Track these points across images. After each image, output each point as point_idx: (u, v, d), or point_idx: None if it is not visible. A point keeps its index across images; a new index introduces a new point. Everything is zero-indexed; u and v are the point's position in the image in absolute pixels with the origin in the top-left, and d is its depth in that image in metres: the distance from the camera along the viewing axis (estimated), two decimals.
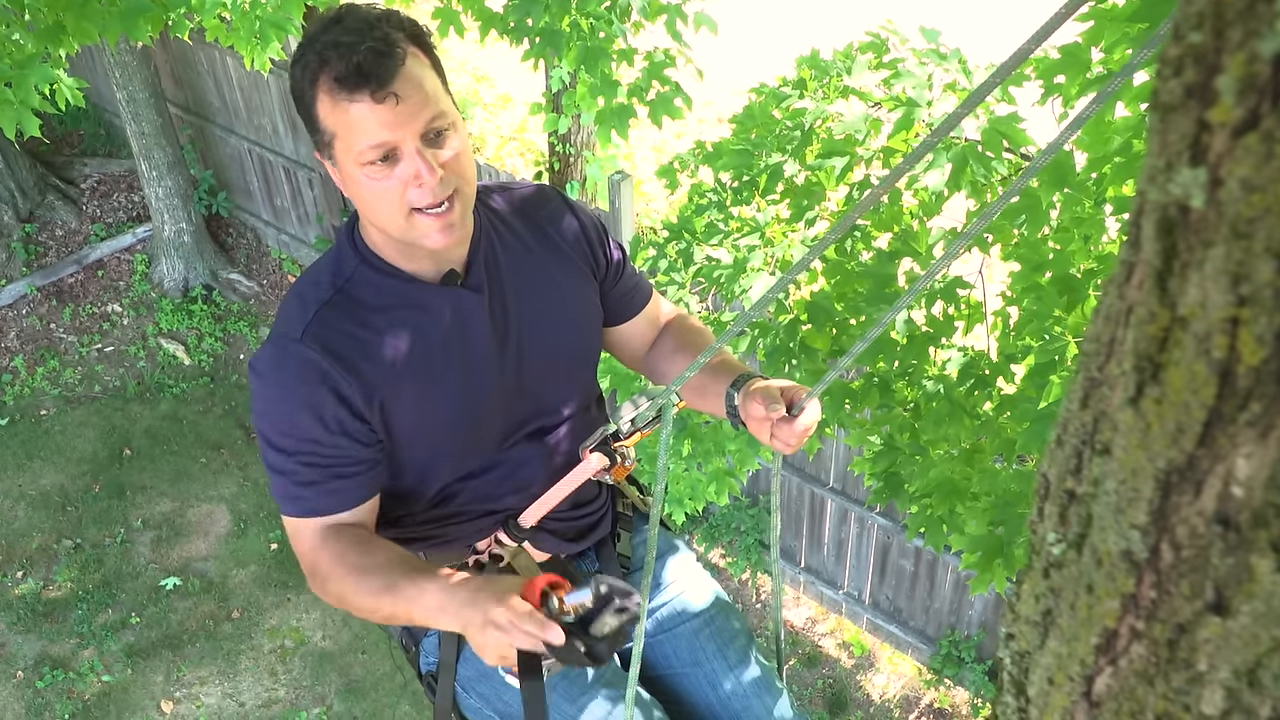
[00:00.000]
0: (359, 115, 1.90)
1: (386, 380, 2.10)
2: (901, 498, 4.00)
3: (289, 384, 2.08)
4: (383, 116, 1.90)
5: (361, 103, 1.89)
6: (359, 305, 2.12)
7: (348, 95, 1.89)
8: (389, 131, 1.91)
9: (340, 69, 1.88)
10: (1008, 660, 1.37)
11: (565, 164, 10.42)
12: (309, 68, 1.92)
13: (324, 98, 1.92)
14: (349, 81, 1.88)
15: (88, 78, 10.21)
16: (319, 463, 2.09)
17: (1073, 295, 3.31)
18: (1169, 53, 0.85)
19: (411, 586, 1.97)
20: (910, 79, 3.98)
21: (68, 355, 10.62)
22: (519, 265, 2.27)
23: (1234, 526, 0.91)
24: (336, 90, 1.90)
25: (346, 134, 1.93)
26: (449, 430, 2.20)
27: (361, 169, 1.96)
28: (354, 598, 2.06)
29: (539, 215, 2.35)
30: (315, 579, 2.14)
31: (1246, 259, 0.79)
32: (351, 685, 8.03)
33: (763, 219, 4.32)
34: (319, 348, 2.05)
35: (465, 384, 2.18)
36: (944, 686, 8.03)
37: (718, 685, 2.55)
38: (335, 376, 2.05)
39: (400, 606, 1.99)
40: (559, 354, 2.33)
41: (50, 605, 8.56)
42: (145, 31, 4.45)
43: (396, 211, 1.99)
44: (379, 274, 2.14)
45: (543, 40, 4.79)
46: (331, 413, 2.06)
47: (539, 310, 2.28)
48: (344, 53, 1.87)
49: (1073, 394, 1.12)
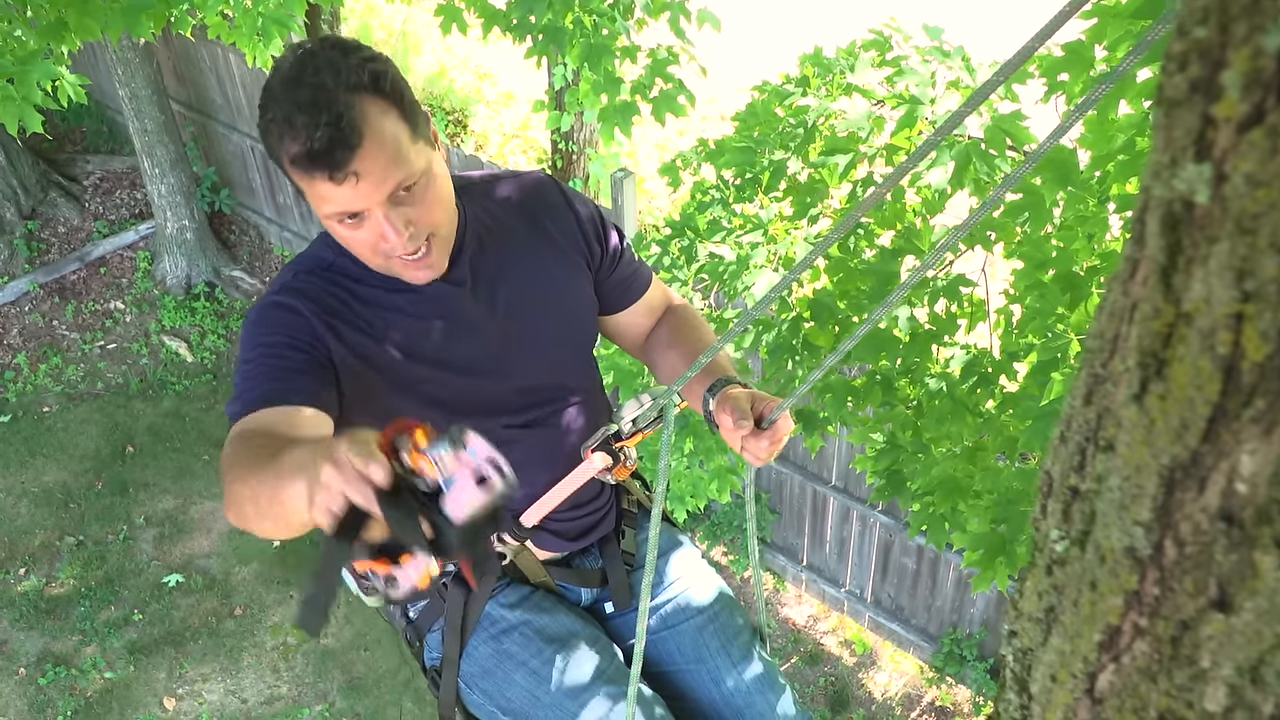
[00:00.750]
0: (320, 191, 1.88)
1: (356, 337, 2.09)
2: (904, 495, 4.00)
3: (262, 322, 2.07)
4: (343, 195, 1.88)
5: (320, 181, 1.86)
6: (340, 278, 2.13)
7: (307, 175, 1.86)
8: (349, 205, 1.90)
9: (296, 151, 1.84)
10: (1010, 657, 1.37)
11: (568, 161, 10.42)
12: (271, 134, 1.88)
13: (287, 161, 1.88)
14: (305, 164, 1.84)
15: (90, 74, 10.23)
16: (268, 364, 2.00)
17: (1075, 293, 3.31)
18: (1173, 48, 0.85)
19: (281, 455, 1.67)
20: (913, 76, 3.98)
21: (70, 352, 10.62)
22: (508, 257, 2.26)
23: (1238, 523, 0.91)
24: (295, 168, 1.87)
25: (311, 196, 1.92)
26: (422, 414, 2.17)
27: (331, 223, 1.97)
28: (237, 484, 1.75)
29: (533, 206, 2.34)
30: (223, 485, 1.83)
31: (1251, 254, 0.79)
32: (354, 682, 8.03)
33: (766, 216, 4.31)
34: (296, 294, 2.07)
35: (439, 374, 2.18)
36: (946, 684, 8.03)
37: (721, 682, 2.54)
38: (304, 311, 2.05)
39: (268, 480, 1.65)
40: (549, 345, 2.32)
41: (53, 602, 8.57)
42: (148, 28, 4.45)
43: (373, 256, 2.01)
44: (358, 265, 2.13)
45: (546, 37, 4.78)
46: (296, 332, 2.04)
47: (528, 301, 2.27)
48: (299, 135, 1.82)
49: (1076, 390, 1.11)
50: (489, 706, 2.41)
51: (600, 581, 2.58)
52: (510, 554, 2.41)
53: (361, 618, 8.36)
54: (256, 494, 1.67)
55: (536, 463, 2.34)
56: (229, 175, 11.63)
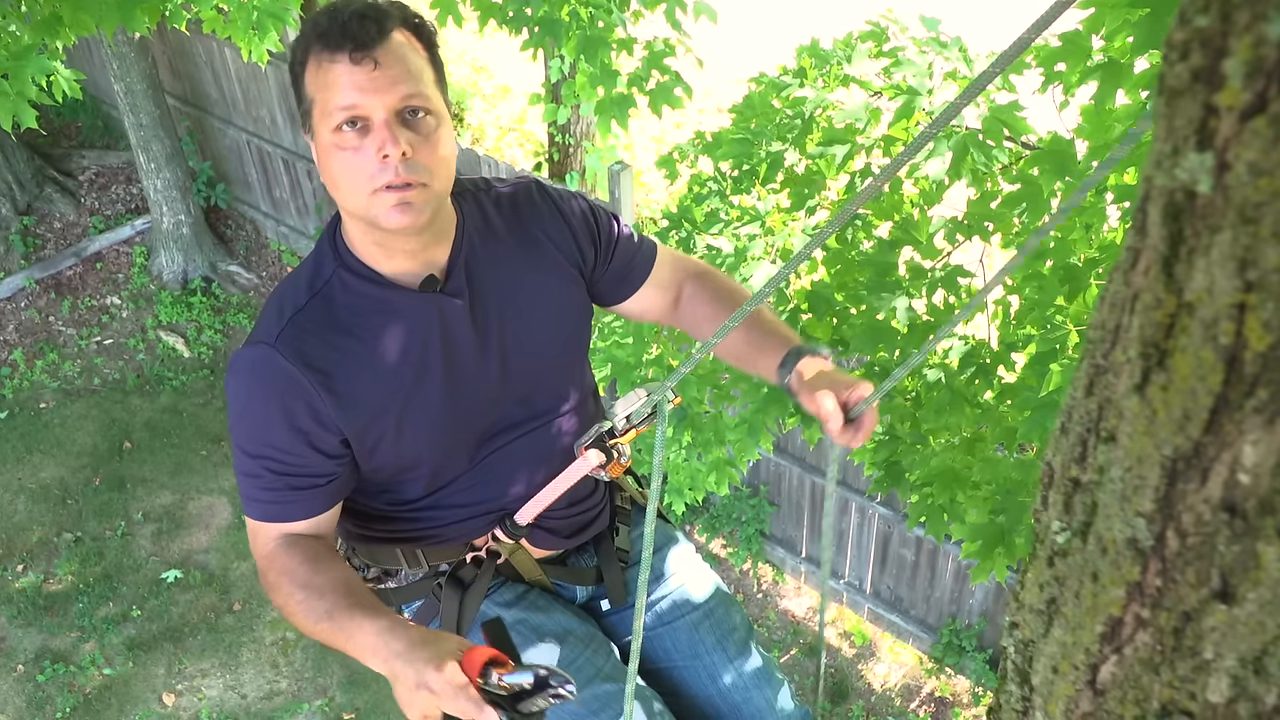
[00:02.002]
0: (336, 75, 1.90)
1: (360, 389, 2.08)
2: (902, 487, 4.00)
3: (260, 390, 2.07)
4: (357, 79, 1.89)
5: (340, 63, 1.90)
6: (335, 311, 2.09)
7: (329, 54, 1.90)
8: (361, 96, 1.90)
9: (325, 26, 1.91)
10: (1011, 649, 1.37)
11: (565, 154, 10.42)
12: (303, 34, 1.96)
13: (310, 61, 1.94)
14: (331, 40, 1.90)
15: (85, 69, 10.19)
16: (281, 470, 2.09)
17: (1074, 284, 3.31)
18: (1175, 36, 0.84)
19: (349, 620, 1.96)
20: (910, 67, 3.97)
21: (67, 348, 10.61)
22: (500, 267, 2.23)
23: (1241, 514, 0.91)
24: (319, 49, 1.91)
25: (322, 96, 1.93)
26: (430, 436, 2.18)
27: (333, 136, 1.94)
28: (295, 616, 2.06)
29: (521, 214, 2.31)
30: (263, 580, 2.16)
31: (1254, 244, 0.79)
32: (353, 677, 8.03)
33: (763, 208, 4.31)
34: (293, 355, 2.03)
35: (445, 390, 2.16)
36: (945, 675, 8.04)
37: (718, 677, 2.54)
38: (308, 386, 2.03)
39: (337, 638, 1.99)
40: (545, 354, 2.31)
41: (51, 599, 8.57)
42: (142, 23, 4.44)
43: (361, 186, 1.96)
44: (357, 278, 2.10)
45: (541, 30, 4.77)
46: (301, 424, 2.05)
47: (522, 312, 2.24)
48: (333, 14, 1.90)
49: (1077, 381, 1.11)
50: None
51: (595, 579, 2.57)
52: (505, 552, 2.41)
53: None
54: (314, 631, 2.03)
55: (531, 462, 2.34)
56: (225, 170, 11.61)
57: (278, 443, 2.07)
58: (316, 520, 2.16)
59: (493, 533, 2.38)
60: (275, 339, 2.04)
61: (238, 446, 2.12)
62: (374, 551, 2.40)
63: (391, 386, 2.11)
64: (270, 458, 2.08)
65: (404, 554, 2.37)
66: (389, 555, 2.39)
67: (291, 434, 2.06)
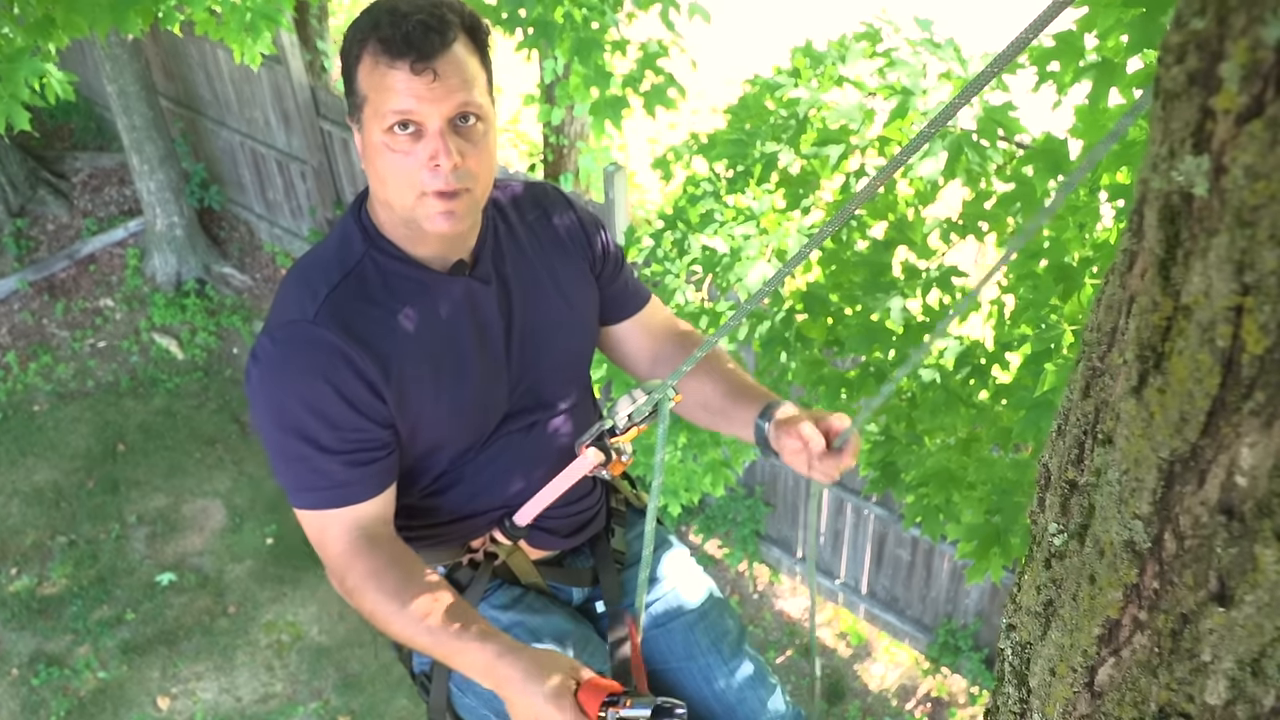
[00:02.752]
0: (393, 80, 1.91)
1: (401, 360, 2.07)
2: (898, 487, 4.00)
3: (302, 366, 2.02)
4: (416, 88, 1.90)
5: (399, 70, 1.90)
6: (370, 287, 2.09)
7: (388, 59, 1.90)
8: (418, 104, 1.91)
9: (387, 32, 1.89)
10: (1009, 651, 1.37)
11: (559, 155, 10.41)
12: (361, 27, 1.94)
13: (367, 58, 1.93)
14: (393, 47, 1.89)
15: (78, 71, 10.19)
16: (341, 449, 2.05)
17: (1068, 283, 3.31)
18: (1171, 39, 0.84)
19: (455, 640, 1.99)
20: (905, 68, 3.98)
21: (60, 351, 10.59)
22: (521, 260, 2.26)
23: (1238, 516, 0.91)
24: (379, 53, 1.91)
25: (378, 97, 1.93)
26: (451, 418, 2.18)
27: (385, 136, 1.94)
28: (388, 623, 2.05)
29: (539, 210, 2.35)
30: (341, 584, 2.10)
31: (1251, 247, 0.79)
32: (348, 679, 8.03)
33: (758, 208, 4.31)
34: (336, 327, 2.01)
35: (471, 373, 2.17)
36: (941, 675, 8.04)
37: (712, 680, 2.55)
38: (353, 354, 2.01)
39: (437, 652, 2.04)
40: (558, 348, 2.33)
41: (45, 602, 8.55)
42: (135, 24, 4.42)
43: (408, 188, 1.97)
44: (388, 258, 2.11)
45: (535, 31, 4.77)
46: (351, 392, 2.02)
47: (540, 305, 2.27)
48: (396, 19, 1.89)
49: (1074, 384, 1.11)
50: (482, 709, 2.40)
51: (591, 581, 2.58)
52: (503, 554, 2.41)
53: (355, 616, 8.32)
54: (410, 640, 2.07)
55: (532, 457, 2.34)
56: (218, 171, 11.60)
57: (331, 419, 2.03)
58: (383, 500, 2.12)
59: (491, 534, 2.38)
60: (314, 315, 2.02)
61: (280, 437, 2.06)
62: None
63: (429, 360, 2.11)
64: (324, 437, 2.04)
65: None
66: None
67: (344, 406, 2.03)
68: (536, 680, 1.89)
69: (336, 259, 2.11)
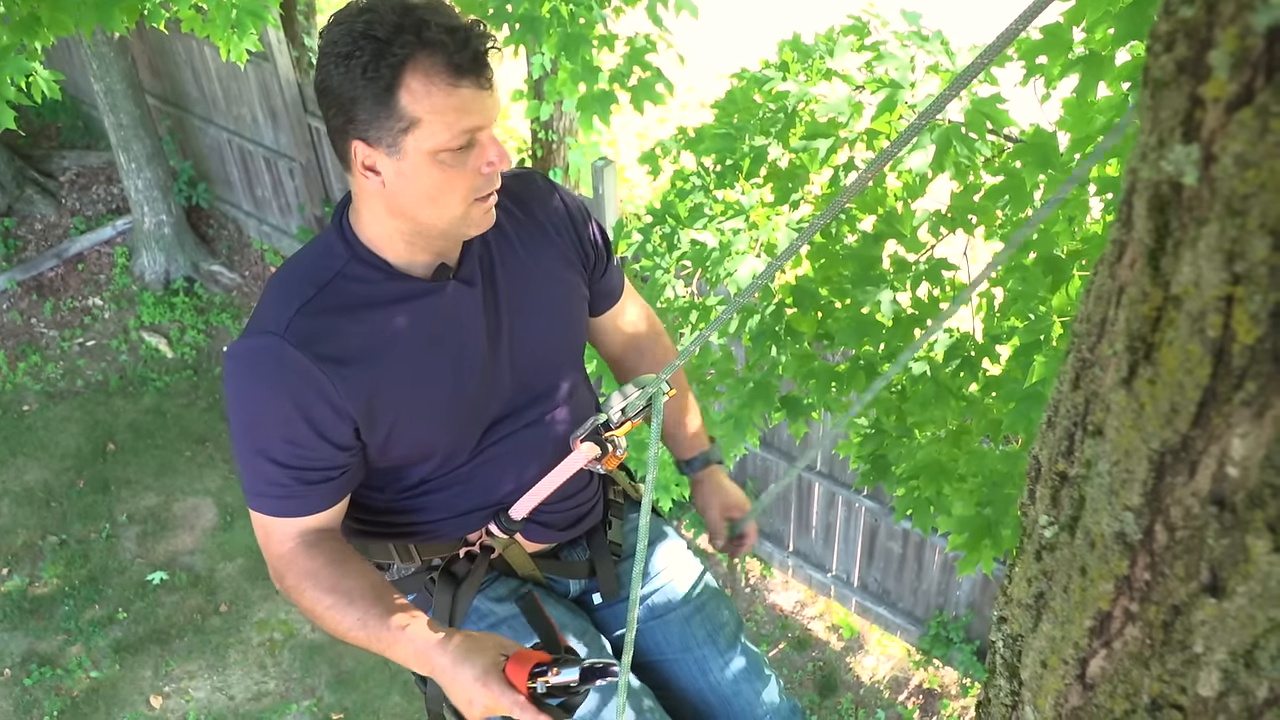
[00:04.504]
0: (462, 100, 1.91)
1: (374, 377, 2.06)
2: (889, 480, 4.00)
3: (269, 381, 2.02)
4: (482, 103, 1.94)
5: (466, 89, 1.91)
6: (346, 300, 2.06)
7: (454, 81, 1.89)
8: (483, 118, 1.95)
9: (442, 62, 1.88)
10: (1000, 643, 1.37)
11: (548, 151, 10.40)
12: (392, 53, 1.86)
13: (419, 82, 1.88)
14: (462, 68, 1.89)
15: (65, 69, 10.15)
16: (292, 464, 2.06)
17: (1057, 276, 3.31)
18: (1159, 28, 0.84)
19: (385, 631, 2.03)
20: (893, 61, 3.97)
21: (49, 350, 10.56)
22: (509, 253, 2.25)
23: (1229, 507, 0.90)
24: (445, 75, 1.89)
25: (438, 119, 1.90)
26: (442, 423, 2.18)
27: (435, 156, 1.94)
28: (323, 620, 2.09)
29: (526, 199, 2.34)
30: (280, 582, 2.16)
31: (1241, 236, 0.79)
32: (341, 677, 8.01)
33: (747, 202, 4.30)
34: (303, 346, 2.00)
35: (457, 379, 2.17)
36: (933, 667, 8.05)
37: (708, 671, 2.55)
38: (319, 376, 2.00)
39: (372, 645, 2.06)
40: (550, 343, 2.33)
41: (36, 602, 8.53)
42: (121, 22, 4.41)
43: (460, 200, 2.00)
44: (369, 268, 2.09)
45: (522, 27, 4.76)
46: (313, 415, 2.03)
47: (530, 299, 2.27)
48: (459, 37, 1.88)
49: (1064, 375, 1.11)
50: None
51: (588, 573, 2.58)
52: (499, 547, 2.41)
53: None
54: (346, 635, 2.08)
55: (528, 454, 2.34)
56: (206, 169, 11.56)
57: (289, 436, 2.04)
58: (331, 513, 2.16)
59: (487, 528, 2.38)
60: (284, 329, 2.01)
61: (243, 438, 2.08)
62: (366, 545, 2.39)
63: (404, 374, 2.10)
64: (279, 451, 2.05)
65: (396, 549, 2.37)
66: (381, 549, 2.39)
67: (304, 426, 2.03)
68: (464, 664, 1.94)
69: (314, 271, 2.10)
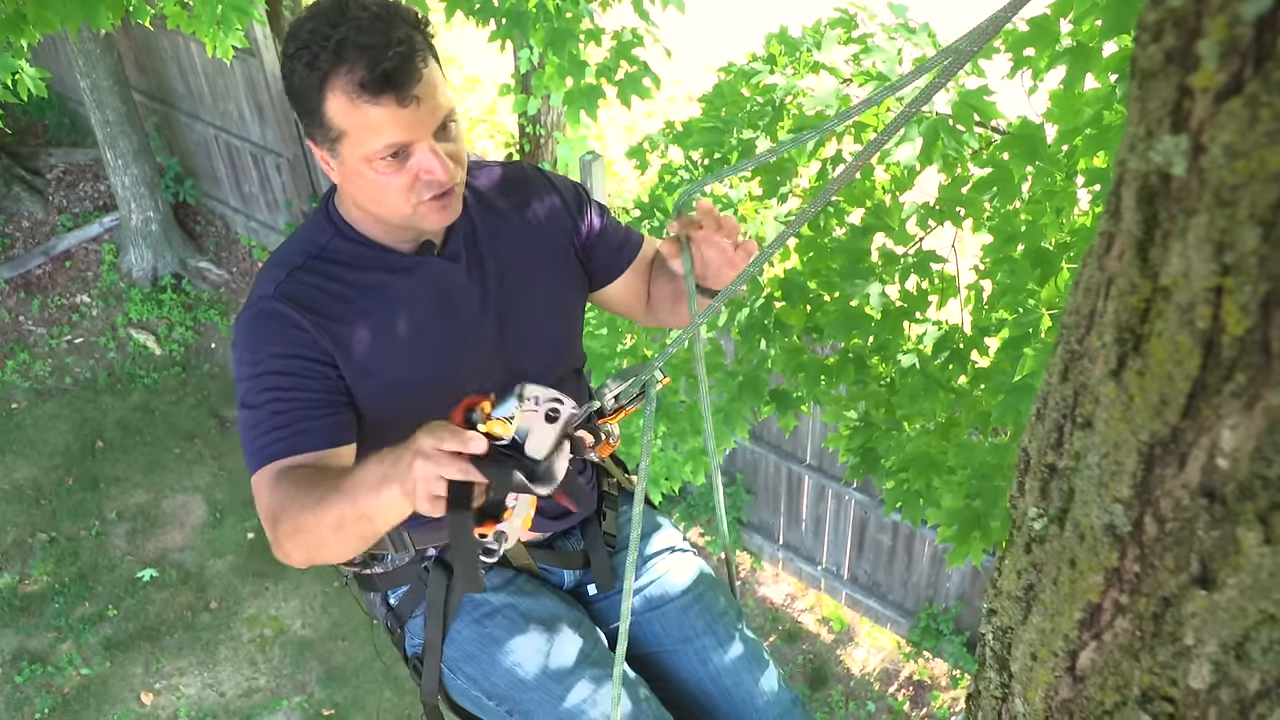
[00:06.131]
0: (380, 118, 1.89)
1: (358, 336, 2.11)
2: (878, 473, 4.01)
3: (259, 334, 2.09)
4: (404, 119, 1.90)
5: (385, 106, 1.88)
6: (333, 270, 2.14)
7: (371, 98, 1.87)
8: (407, 133, 1.92)
9: (365, 74, 1.85)
10: (990, 636, 1.37)
11: (535, 145, 10.38)
12: (318, 65, 1.87)
13: (339, 97, 1.88)
14: (373, 86, 1.86)
15: (51, 66, 10.10)
16: (283, 408, 2.05)
17: (1046, 268, 3.32)
18: (1147, 17, 0.83)
19: (349, 479, 1.84)
20: (880, 54, 3.97)
21: (37, 348, 10.53)
22: (498, 239, 2.28)
23: (1219, 499, 0.90)
24: (358, 93, 1.87)
25: (361, 134, 1.91)
26: (420, 392, 2.17)
27: (370, 164, 1.95)
28: (311, 525, 1.90)
29: (516, 191, 2.36)
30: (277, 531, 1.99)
31: (1230, 227, 0.78)
32: (332, 672, 8.01)
33: (735, 196, 4.30)
34: (291, 302, 2.07)
35: (439, 347, 2.20)
36: (923, 659, 8.07)
37: (708, 661, 2.55)
38: (306, 324, 2.07)
39: (346, 505, 1.83)
40: (538, 326, 2.33)
41: (26, 600, 8.51)
42: (106, 19, 4.40)
43: (402, 202, 2.01)
44: (352, 243, 2.16)
45: (509, 21, 4.75)
46: (302, 352, 2.07)
47: (518, 283, 2.29)
48: (370, 55, 1.85)
49: (1053, 367, 1.11)
50: (473, 691, 2.40)
51: (582, 563, 2.58)
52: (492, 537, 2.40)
53: (339, 608, 8.34)
54: (340, 520, 1.84)
55: None
56: (193, 165, 11.53)
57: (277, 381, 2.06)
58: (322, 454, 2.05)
59: None
60: (273, 291, 2.09)
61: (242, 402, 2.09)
62: None
63: (389, 333, 2.15)
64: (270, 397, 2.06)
65: (390, 538, 2.37)
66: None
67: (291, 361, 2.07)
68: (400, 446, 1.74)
69: (304, 244, 2.18)
